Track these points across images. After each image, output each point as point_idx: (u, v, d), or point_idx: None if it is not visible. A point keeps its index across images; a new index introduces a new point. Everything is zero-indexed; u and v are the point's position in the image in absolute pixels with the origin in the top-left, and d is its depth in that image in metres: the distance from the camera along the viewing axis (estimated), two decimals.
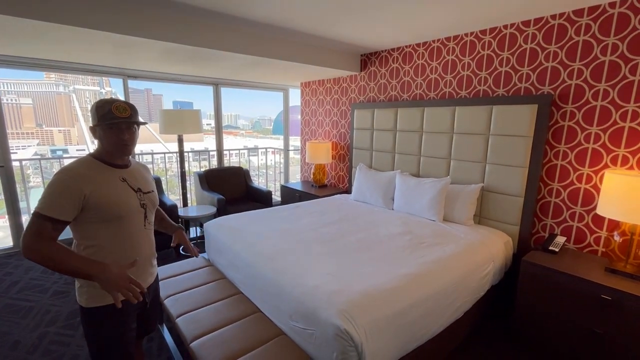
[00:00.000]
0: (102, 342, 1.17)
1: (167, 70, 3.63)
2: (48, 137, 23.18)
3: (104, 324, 1.16)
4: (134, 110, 1.16)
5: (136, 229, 1.21)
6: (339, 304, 1.42)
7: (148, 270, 1.30)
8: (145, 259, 1.26)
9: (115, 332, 1.17)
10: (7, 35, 2.22)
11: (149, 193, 1.27)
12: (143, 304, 1.29)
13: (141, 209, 1.22)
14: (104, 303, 1.14)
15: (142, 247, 1.24)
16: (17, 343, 2.01)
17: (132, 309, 1.22)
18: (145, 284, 1.27)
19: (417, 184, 2.77)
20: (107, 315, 1.15)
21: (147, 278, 1.29)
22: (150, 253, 1.31)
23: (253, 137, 24.78)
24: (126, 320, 1.20)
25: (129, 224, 1.18)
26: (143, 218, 1.23)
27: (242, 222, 2.52)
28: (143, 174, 1.30)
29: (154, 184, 1.35)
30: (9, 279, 2.78)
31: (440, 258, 1.93)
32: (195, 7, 2.19)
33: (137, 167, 1.30)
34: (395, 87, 3.28)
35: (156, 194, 1.33)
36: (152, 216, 1.31)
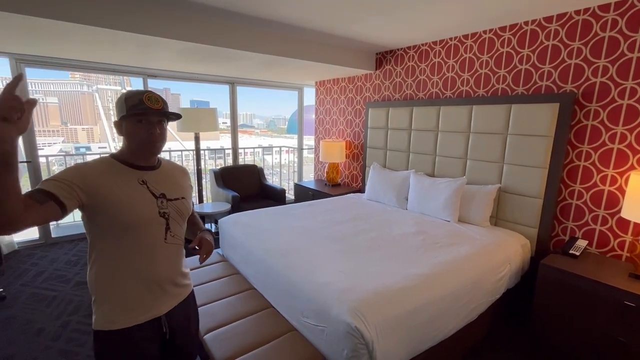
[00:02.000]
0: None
1: (185, 69, 3.71)
2: (72, 134, 24.11)
3: (105, 352, 1.00)
4: (166, 104, 1.03)
5: (153, 243, 1.02)
6: (350, 302, 1.42)
7: (169, 291, 1.08)
8: (162, 278, 1.05)
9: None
10: (36, 36, 2.32)
11: (175, 200, 1.07)
12: (160, 333, 1.07)
13: (161, 218, 1.02)
14: (108, 328, 0.98)
15: (159, 265, 1.04)
16: (42, 330, 2.11)
17: (145, 338, 1.02)
18: (163, 307, 1.06)
19: (431, 184, 2.73)
20: (110, 343, 0.99)
21: (167, 300, 1.07)
22: (173, 271, 1.09)
23: (268, 136, 24.97)
24: (132, 350, 1.00)
25: (144, 235, 1.00)
26: (164, 230, 1.03)
27: (255, 219, 2.55)
28: (174, 178, 1.12)
29: (187, 190, 1.15)
30: (34, 269, 2.92)
31: (454, 259, 1.89)
32: (213, 7, 2.23)
33: (168, 169, 1.12)
34: (411, 86, 3.24)
35: (186, 202, 1.12)
36: (178, 228, 1.08)
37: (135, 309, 1.01)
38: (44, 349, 1.94)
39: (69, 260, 3.13)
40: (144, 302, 1.02)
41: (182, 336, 1.15)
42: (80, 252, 3.32)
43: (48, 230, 3.53)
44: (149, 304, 1.03)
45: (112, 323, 0.99)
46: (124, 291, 1.00)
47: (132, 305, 1.01)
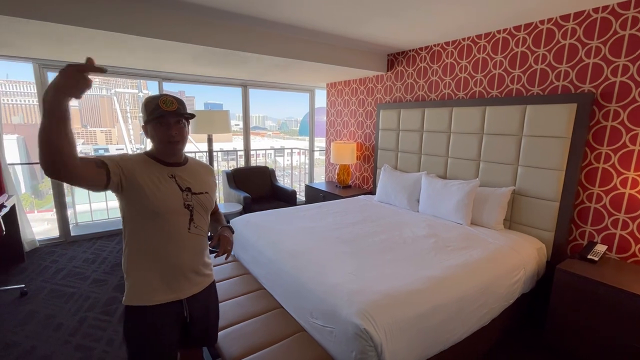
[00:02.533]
0: (132, 343, 1.12)
1: (199, 72, 3.78)
2: (92, 136, 24.89)
3: (132, 326, 1.11)
4: (181, 103, 1.10)
5: (177, 231, 1.11)
6: (359, 303, 1.41)
7: (191, 279, 1.17)
8: (185, 265, 1.14)
9: (142, 338, 1.11)
10: (58, 42, 2.42)
11: (199, 194, 1.16)
12: (181, 317, 1.16)
13: (185, 209, 1.12)
14: (135, 303, 1.10)
15: (182, 252, 1.13)
16: (60, 325, 2.18)
17: (167, 318, 1.12)
18: (184, 293, 1.15)
19: (443, 186, 2.70)
20: (137, 317, 1.10)
21: (189, 286, 1.16)
22: (195, 259, 1.18)
23: (280, 138, 25.13)
24: (155, 328, 1.11)
25: (169, 224, 1.09)
26: (188, 220, 1.13)
27: (266, 219, 2.57)
28: (200, 174, 1.21)
29: (211, 186, 1.24)
30: (54, 266, 3.02)
31: (466, 262, 1.86)
32: (224, 11, 2.27)
33: (195, 166, 1.22)
34: (423, 87, 3.21)
35: (210, 197, 1.21)
36: (201, 220, 1.18)
37: (158, 289, 1.11)
38: (63, 343, 2.00)
39: (87, 258, 3.23)
40: (167, 284, 1.12)
41: (201, 324, 1.24)
42: (97, 250, 3.42)
43: (67, 229, 3.65)
44: (171, 287, 1.13)
45: (138, 299, 1.10)
46: (149, 272, 1.10)
47: (156, 285, 1.11)
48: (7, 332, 2.10)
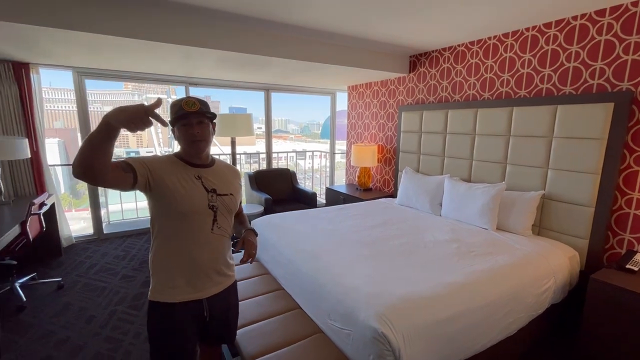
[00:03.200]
0: (154, 337, 1.16)
1: (223, 77, 3.90)
2: (124, 140, 26.13)
3: (155, 321, 1.15)
4: (204, 104, 1.13)
5: (201, 231, 1.14)
6: (377, 307, 1.40)
7: (213, 278, 1.19)
8: (207, 264, 1.17)
9: (163, 333, 1.14)
10: (96, 51, 2.58)
11: (224, 196, 1.19)
12: (201, 315, 1.19)
13: (209, 210, 1.14)
14: (158, 299, 1.13)
15: (205, 252, 1.15)
16: (92, 317, 2.30)
17: (188, 315, 1.15)
18: (206, 293, 1.18)
19: (467, 190, 2.61)
20: (160, 313, 1.14)
21: (210, 286, 1.18)
22: (217, 260, 1.19)
23: (302, 141, 25.34)
24: (176, 325, 1.13)
25: (193, 224, 1.12)
26: (211, 221, 1.15)
27: (286, 220, 2.60)
28: (225, 176, 1.23)
29: (237, 188, 1.26)
30: (88, 262, 3.20)
31: (491, 268, 1.79)
32: (248, 17, 2.33)
33: (221, 168, 1.25)
34: (446, 88, 3.14)
35: (234, 199, 1.23)
36: (224, 221, 1.20)
37: (180, 287, 1.14)
38: (94, 335, 2.12)
39: (118, 254, 3.40)
40: (190, 283, 1.15)
41: (220, 322, 1.26)
42: (127, 247, 3.59)
43: (100, 227, 3.86)
44: (193, 286, 1.15)
45: (160, 295, 1.13)
46: (173, 270, 1.14)
47: (179, 283, 1.14)
48: (46, 321, 2.25)
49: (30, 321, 2.25)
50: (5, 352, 1.94)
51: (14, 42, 2.32)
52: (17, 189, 3.13)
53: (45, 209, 2.76)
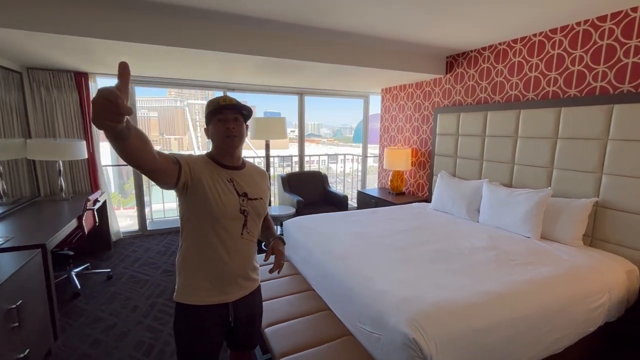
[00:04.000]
0: (179, 337, 1.16)
1: (259, 82, 4.04)
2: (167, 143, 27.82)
3: (180, 321, 1.15)
4: (239, 103, 1.13)
5: (231, 236, 1.12)
6: (409, 312, 1.36)
7: (239, 283, 1.18)
8: (235, 269, 1.15)
9: (188, 334, 1.14)
10: (145, 59, 2.79)
11: (255, 200, 1.17)
12: (226, 319, 1.18)
13: (240, 215, 1.13)
14: (183, 301, 1.13)
15: (234, 256, 1.14)
16: (136, 307, 2.47)
17: (213, 319, 1.14)
18: (231, 297, 1.16)
19: (508, 195, 2.47)
20: (185, 315, 1.14)
21: (236, 290, 1.17)
22: (244, 264, 1.18)
23: (334, 145, 25.37)
24: (201, 327, 1.13)
25: (223, 228, 1.10)
26: (242, 226, 1.14)
27: (317, 222, 2.62)
28: (255, 179, 1.22)
29: (266, 191, 1.24)
30: (134, 256, 3.44)
31: (533, 279, 1.68)
32: (284, 23, 2.40)
33: (251, 171, 1.23)
34: (486, 89, 3.00)
35: (264, 203, 1.21)
36: (253, 225, 1.18)
37: (207, 289, 1.13)
38: (137, 323, 2.27)
39: (159, 250, 3.62)
40: (216, 286, 1.14)
41: (245, 326, 1.24)
42: (168, 243, 3.81)
43: (144, 224, 4.13)
44: (219, 290, 1.14)
45: (186, 297, 1.13)
46: (200, 273, 1.13)
47: (205, 286, 1.13)
48: (96, 308, 2.44)
49: (83, 307, 2.46)
50: (61, 334, 2.13)
51: (77, 54, 2.58)
52: (75, 186, 3.45)
53: (99, 205, 3.02)
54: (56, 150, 2.90)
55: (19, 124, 2.98)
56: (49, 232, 2.15)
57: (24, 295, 1.64)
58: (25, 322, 1.64)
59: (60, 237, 2.22)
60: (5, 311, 1.49)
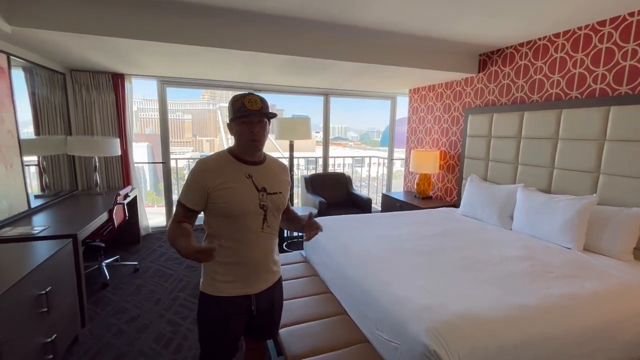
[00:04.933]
0: (202, 326, 1.21)
1: (285, 82, 4.06)
2: (199, 144, 28.95)
3: (205, 311, 1.19)
4: (264, 103, 1.13)
5: (252, 231, 1.14)
6: (429, 321, 1.27)
7: (261, 276, 1.21)
8: (257, 263, 1.18)
9: (211, 323, 1.18)
10: (173, 60, 2.88)
11: (274, 194, 1.17)
12: (249, 310, 1.21)
13: (260, 210, 1.14)
14: (208, 292, 1.17)
15: (255, 251, 1.17)
16: (159, 300, 2.53)
17: (236, 309, 1.18)
18: (254, 289, 1.20)
19: (546, 202, 2.28)
20: (209, 305, 1.18)
21: (259, 284, 1.20)
22: (266, 258, 1.21)
23: (361, 148, 25.14)
24: (224, 317, 1.17)
25: (245, 224, 1.13)
26: (262, 220, 1.15)
27: (338, 224, 2.56)
28: (275, 173, 1.22)
29: (285, 185, 1.24)
30: (160, 250, 3.56)
31: (574, 294, 1.51)
32: (305, 19, 2.37)
33: (271, 165, 1.24)
34: (522, 88, 2.80)
35: (283, 197, 1.22)
36: (273, 219, 1.20)
37: (231, 282, 1.17)
38: (159, 316, 2.32)
39: None
40: (239, 279, 1.17)
41: (266, 317, 1.28)
42: None
43: None
44: (243, 282, 1.18)
45: (212, 289, 1.17)
46: (223, 267, 1.16)
47: (229, 279, 1.17)
48: (122, 299, 2.53)
49: (110, 297, 2.56)
50: (89, 322, 2.23)
51: (112, 55, 2.71)
52: (110, 182, 3.63)
53: (129, 199, 3.15)
54: (92, 147, 3.07)
55: (62, 122, 3.18)
56: (81, 223, 2.26)
57: (54, 282, 1.72)
58: (54, 308, 1.71)
59: (91, 228, 2.33)
60: (36, 296, 1.57)
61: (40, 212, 2.52)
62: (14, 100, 2.37)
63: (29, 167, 2.80)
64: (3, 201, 2.22)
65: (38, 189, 2.93)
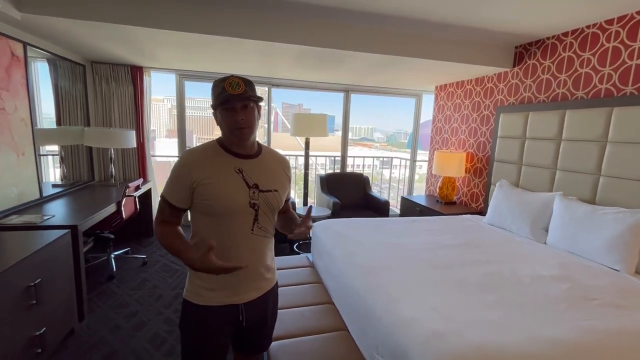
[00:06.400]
0: (184, 336, 1.09)
1: (302, 77, 3.91)
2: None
3: (187, 320, 1.07)
4: (249, 85, 0.98)
5: (239, 232, 1.01)
6: (439, 352, 1.06)
7: (251, 283, 1.07)
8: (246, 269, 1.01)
9: (194, 334, 1.06)
10: (187, 51, 2.82)
11: (267, 192, 1.04)
12: (236, 320, 1.07)
13: (250, 209, 1.01)
14: (192, 300, 1.04)
15: (243, 254, 1.02)
16: (160, 297, 2.47)
17: (222, 320, 1.05)
18: (242, 298, 1.05)
19: (590, 214, 1.96)
20: (192, 314, 1.05)
21: (248, 293, 1.06)
22: (257, 263, 1.07)
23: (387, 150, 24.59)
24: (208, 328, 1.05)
25: (231, 224, 1.00)
26: (252, 221, 1.02)
27: (348, 227, 2.37)
28: (271, 168, 1.09)
29: (283, 182, 1.11)
30: None
31: (624, 329, 1.24)
32: (321, 6, 2.20)
33: (268, 158, 1.10)
34: (565, 83, 2.47)
35: (279, 195, 1.07)
36: (266, 220, 1.06)
37: (217, 290, 1.03)
38: (157, 313, 2.24)
39: None
40: (226, 286, 1.03)
41: (256, 329, 1.15)
42: None
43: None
44: (229, 290, 1.04)
45: (196, 297, 1.04)
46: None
47: (214, 286, 1.03)
48: (125, 293, 2.50)
49: (114, 290, 2.53)
50: (89, 315, 2.19)
51: (127, 46, 2.69)
52: (126, 174, 3.66)
53: (141, 192, 3.13)
54: (108, 138, 3.08)
55: (82, 113, 3.23)
56: (86, 214, 2.23)
57: (46, 274, 1.67)
58: (45, 300, 1.67)
59: (96, 220, 2.29)
60: (24, 288, 1.52)
61: (51, 201, 2.53)
62: (29, 90, 2.38)
63: (48, 157, 2.87)
64: (12, 188, 2.23)
65: (59, 179, 3.00)
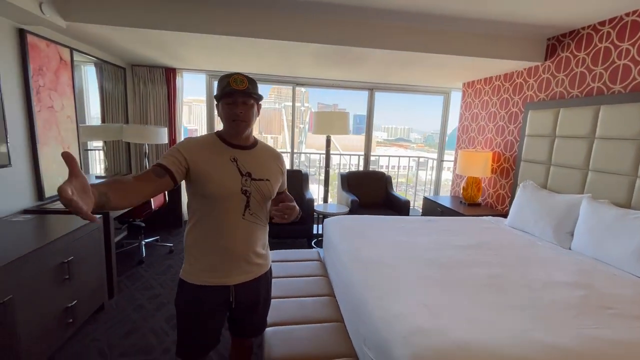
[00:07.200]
0: (179, 313, 1.16)
1: (325, 75, 3.94)
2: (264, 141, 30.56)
3: (181, 297, 1.15)
4: (252, 83, 1.08)
5: (231, 216, 1.09)
6: (419, 347, 1.05)
7: (241, 266, 1.13)
8: (235, 251, 1.11)
9: (186, 311, 1.14)
10: (215, 53, 2.98)
11: (259, 181, 1.11)
12: (227, 302, 1.14)
13: (242, 195, 1.08)
14: (185, 278, 1.13)
15: (235, 237, 1.10)
16: None
17: (213, 299, 1.12)
18: (232, 280, 1.12)
19: (620, 218, 1.79)
20: (185, 292, 1.13)
21: (237, 275, 1.13)
22: (246, 247, 1.13)
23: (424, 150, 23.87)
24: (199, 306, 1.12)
25: (224, 207, 1.07)
26: (243, 206, 1.09)
27: (358, 224, 2.38)
28: (264, 160, 1.17)
29: (275, 173, 1.18)
30: None
31: (636, 340, 1.13)
32: (338, 5, 2.22)
33: (262, 151, 1.19)
34: (601, 76, 2.27)
35: (270, 185, 1.14)
36: (258, 208, 1.13)
37: (208, 271, 1.11)
38: None
39: None
40: (217, 267, 1.12)
41: (247, 312, 1.21)
42: None
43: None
44: (220, 271, 1.12)
45: (189, 275, 1.13)
46: (202, 252, 1.12)
47: (206, 267, 1.11)
48: (152, 277, 2.71)
49: (142, 273, 2.76)
50: (118, 294, 2.41)
51: (158, 48, 2.91)
52: None
53: None
54: (143, 135, 3.35)
55: (122, 111, 3.55)
56: None
57: (77, 253, 1.87)
58: (77, 276, 1.87)
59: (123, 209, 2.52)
60: (58, 264, 1.72)
61: None
62: (75, 90, 2.67)
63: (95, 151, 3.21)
64: (59, 178, 2.52)
65: (103, 171, 3.35)
